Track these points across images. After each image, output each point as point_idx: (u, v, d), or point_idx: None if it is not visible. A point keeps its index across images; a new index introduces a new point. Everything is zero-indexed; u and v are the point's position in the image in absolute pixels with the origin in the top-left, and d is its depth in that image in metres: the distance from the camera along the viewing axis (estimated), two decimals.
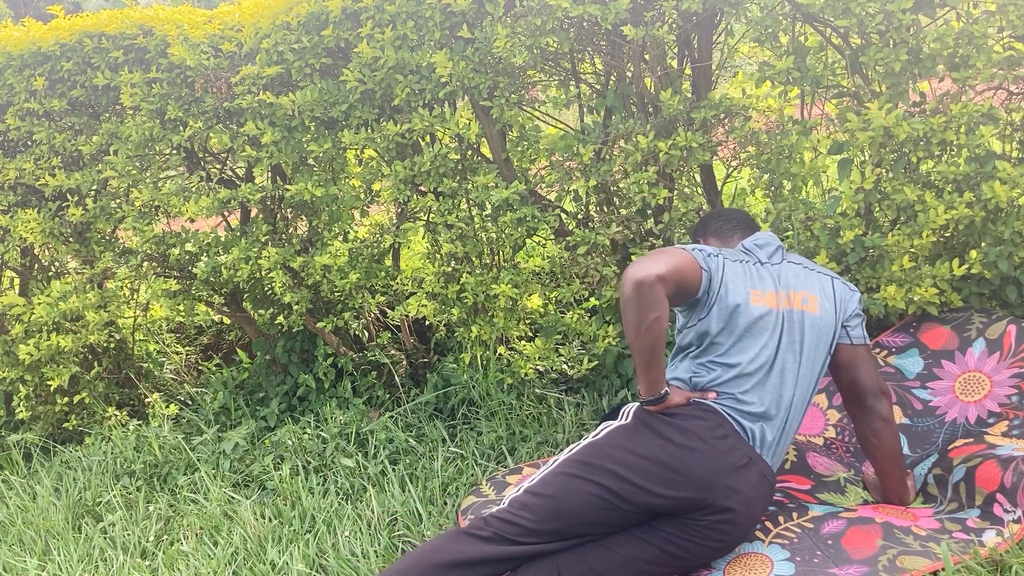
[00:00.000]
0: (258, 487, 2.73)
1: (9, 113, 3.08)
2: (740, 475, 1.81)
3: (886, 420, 2.01)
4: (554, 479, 1.85)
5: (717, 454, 1.80)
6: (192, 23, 2.87)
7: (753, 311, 1.93)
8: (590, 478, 1.81)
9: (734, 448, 1.83)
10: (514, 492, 1.90)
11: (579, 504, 1.80)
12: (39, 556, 2.57)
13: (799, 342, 1.95)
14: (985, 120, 2.25)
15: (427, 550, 1.80)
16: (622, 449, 1.84)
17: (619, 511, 1.80)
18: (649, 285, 1.76)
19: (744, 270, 1.99)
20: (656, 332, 1.79)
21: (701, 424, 1.84)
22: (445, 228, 2.84)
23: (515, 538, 1.80)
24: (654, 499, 1.78)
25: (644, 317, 1.77)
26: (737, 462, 1.82)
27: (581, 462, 1.85)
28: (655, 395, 1.88)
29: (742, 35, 2.78)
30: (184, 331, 3.97)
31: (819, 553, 1.84)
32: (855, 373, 2.02)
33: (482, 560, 1.77)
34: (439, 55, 2.53)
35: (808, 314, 1.97)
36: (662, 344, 1.82)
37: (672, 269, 1.81)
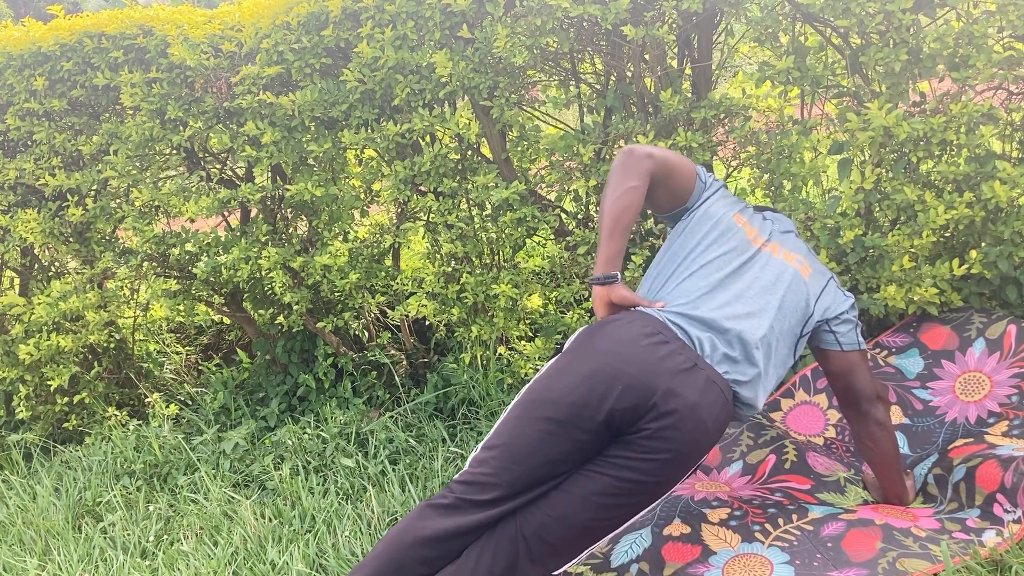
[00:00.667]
0: (258, 487, 2.73)
1: (9, 113, 3.08)
2: (682, 378, 1.71)
3: (882, 425, 2.00)
4: (504, 427, 1.79)
5: (653, 358, 1.72)
6: (192, 23, 2.87)
7: (729, 224, 1.92)
8: (534, 415, 1.75)
9: (675, 352, 1.74)
10: (473, 453, 1.84)
11: (530, 442, 1.74)
12: (39, 556, 2.57)
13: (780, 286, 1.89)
14: (985, 120, 2.25)
15: (396, 531, 1.76)
16: (559, 375, 1.78)
17: (571, 441, 1.72)
18: (637, 156, 1.83)
19: (738, 202, 2.00)
20: (627, 201, 1.80)
21: (636, 330, 1.77)
22: (445, 228, 2.84)
23: (477, 498, 1.74)
24: (598, 414, 1.70)
25: (621, 184, 1.82)
26: (679, 366, 1.72)
27: (526, 401, 1.80)
28: (605, 273, 1.85)
29: (742, 35, 2.78)
30: (184, 331, 3.97)
31: (819, 556, 1.84)
32: (849, 379, 2.00)
33: (447, 534, 1.73)
34: (439, 55, 2.53)
35: (797, 272, 1.94)
36: (629, 218, 1.82)
37: (666, 156, 1.87)
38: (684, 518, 2.06)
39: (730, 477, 2.30)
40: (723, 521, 2.04)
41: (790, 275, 1.93)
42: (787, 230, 2.08)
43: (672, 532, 2.02)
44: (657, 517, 2.09)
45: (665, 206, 2.00)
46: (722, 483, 2.28)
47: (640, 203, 1.84)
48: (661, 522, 2.06)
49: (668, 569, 1.92)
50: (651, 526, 2.05)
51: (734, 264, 1.89)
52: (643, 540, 2.01)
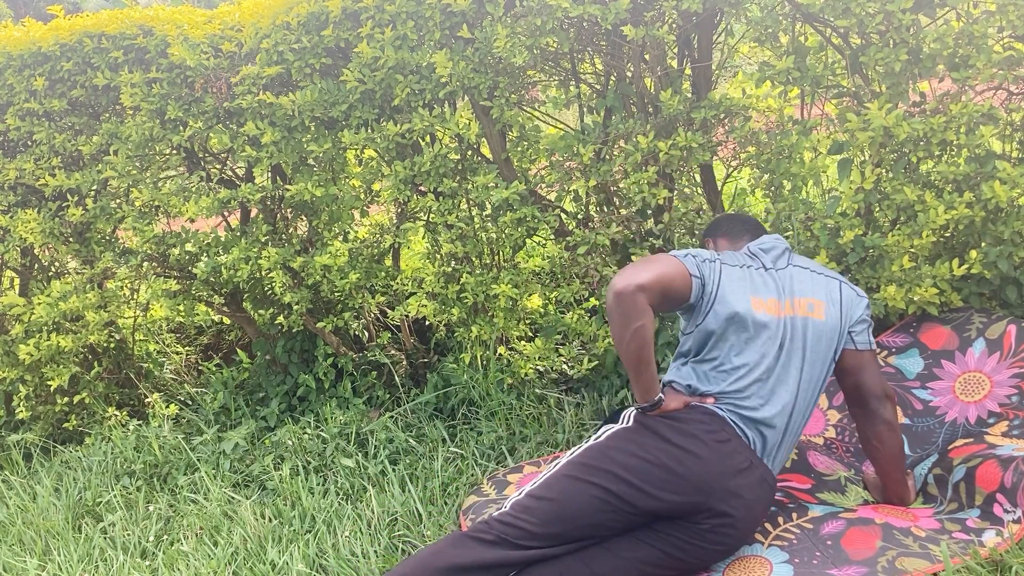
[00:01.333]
0: (258, 487, 2.73)
1: (9, 113, 3.08)
2: (741, 479, 1.80)
3: (889, 424, 2.00)
4: (555, 482, 1.85)
5: (718, 457, 1.80)
6: (192, 23, 2.87)
7: (754, 318, 1.92)
8: (592, 480, 1.81)
9: (736, 452, 1.82)
10: (515, 495, 1.89)
11: (581, 506, 1.80)
12: (39, 556, 2.57)
13: (802, 349, 1.94)
14: (985, 120, 2.25)
15: (428, 554, 1.79)
16: (623, 452, 1.83)
17: (620, 513, 1.80)
18: (630, 295, 1.78)
19: (745, 275, 1.98)
20: (640, 340, 1.81)
21: (702, 427, 1.84)
22: (445, 228, 2.84)
23: (517, 541, 1.79)
24: (655, 502, 1.78)
25: (627, 327, 1.80)
26: (738, 466, 1.81)
27: (583, 464, 1.85)
28: (649, 401, 1.88)
29: (742, 35, 2.78)
30: (184, 331, 3.97)
31: (818, 554, 1.84)
32: (860, 377, 2.01)
33: (483, 565, 1.76)
34: (439, 55, 2.53)
35: (813, 321, 1.96)
36: (648, 351, 1.83)
37: (655, 277, 1.83)
38: None
39: None
40: None
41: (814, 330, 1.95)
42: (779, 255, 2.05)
43: None
44: None
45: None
46: None
47: (652, 333, 1.84)
48: None
49: None
50: None
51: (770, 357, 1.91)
52: None
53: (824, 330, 1.96)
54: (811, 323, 1.95)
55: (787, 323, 1.94)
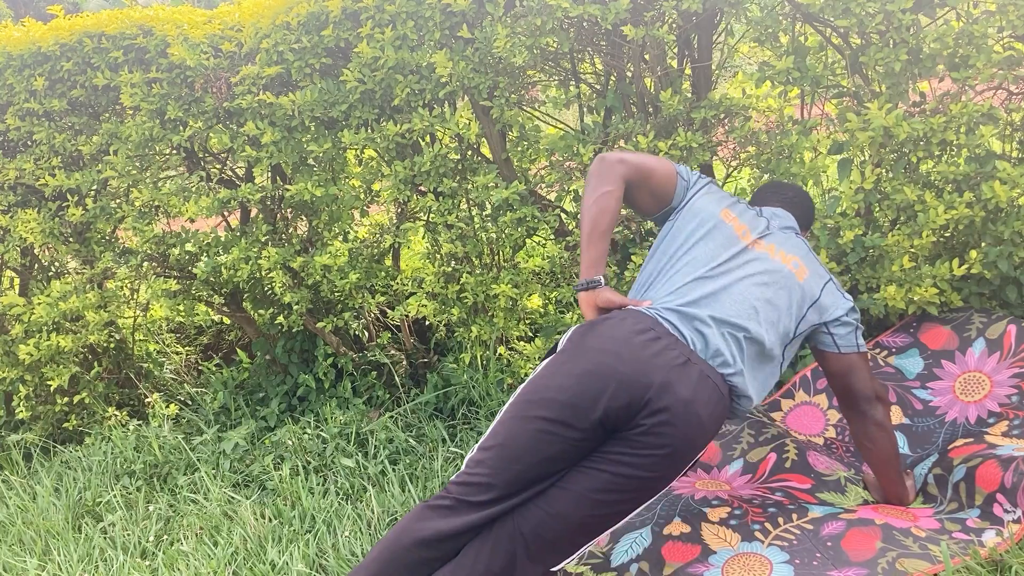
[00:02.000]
0: (258, 487, 2.73)
1: (9, 113, 3.08)
2: (675, 373, 1.71)
3: (881, 425, 1.99)
4: (500, 427, 1.80)
5: (646, 355, 1.72)
6: (192, 23, 2.87)
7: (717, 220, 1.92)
8: (531, 414, 1.75)
9: (668, 348, 1.74)
10: (469, 453, 1.84)
11: (527, 443, 1.74)
12: (39, 556, 2.57)
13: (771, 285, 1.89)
14: (985, 120, 2.25)
15: (393, 534, 1.77)
16: (554, 375, 1.78)
17: (565, 440, 1.73)
18: (609, 162, 1.88)
19: (727, 198, 1.99)
20: (603, 205, 1.84)
21: (626, 326, 1.77)
22: (445, 228, 2.84)
23: (475, 499, 1.74)
24: (592, 412, 1.70)
25: (596, 189, 1.86)
26: (671, 361, 1.72)
27: (521, 401, 1.80)
28: (588, 278, 1.87)
29: (742, 35, 2.78)
30: (184, 331, 3.97)
31: (818, 555, 1.84)
32: (848, 380, 1.99)
33: (446, 534, 1.73)
34: (439, 55, 2.53)
35: (791, 275, 1.93)
36: (606, 221, 1.85)
37: (640, 160, 1.91)
38: (684, 517, 2.06)
39: (730, 476, 2.30)
40: (723, 520, 2.04)
41: (783, 276, 1.92)
42: (787, 226, 2.06)
43: (672, 531, 2.02)
44: (657, 516, 2.09)
45: (650, 209, 2.02)
46: (722, 481, 2.28)
47: (616, 207, 1.86)
48: (661, 521, 2.06)
49: (668, 568, 1.92)
50: (651, 525, 2.05)
51: (720, 259, 1.89)
52: (643, 539, 2.01)
53: (799, 289, 1.92)
54: (789, 275, 1.92)
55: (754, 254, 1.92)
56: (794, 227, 2.08)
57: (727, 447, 2.36)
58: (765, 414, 2.48)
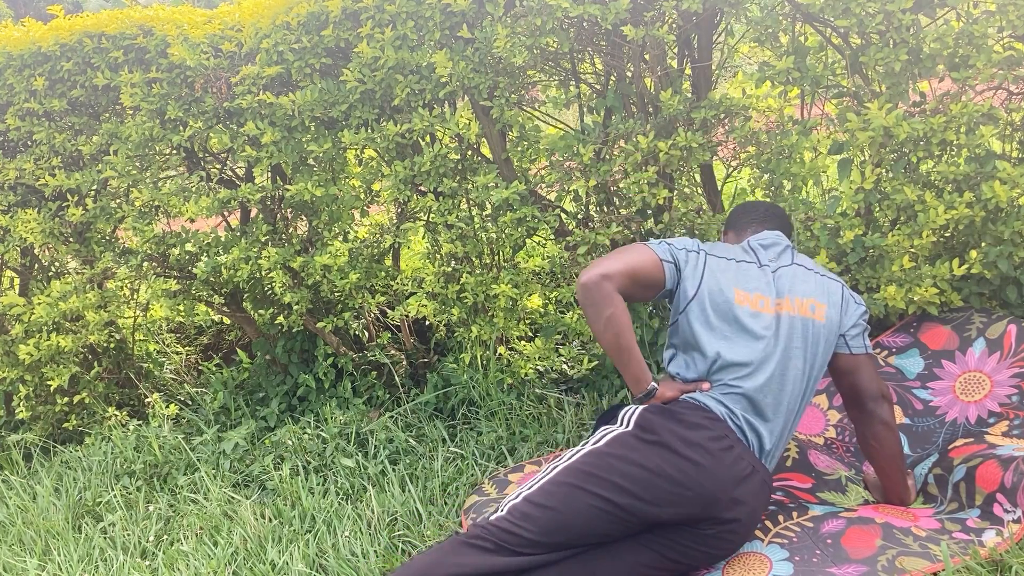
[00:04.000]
0: (258, 487, 2.73)
1: (9, 113, 3.08)
2: (744, 486, 1.79)
3: (887, 424, 2.00)
4: (556, 489, 1.79)
5: (722, 468, 1.77)
6: (192, 23, 2.87)
7: (736, 309, 1.91)
8: (593, 490, 1.76)
9: (739, 459, 1.80)
10: (513, 498, 1.84)
11: (582, 516, 1.76)
12: (39, 556, 2.57)
13: (802, 348, 1.92)
14: (985, 120, 2.25)
15: (428, 563, 1.75)
16: (625, 460, 1.79)
17: (622, 522, 1.77)
18: (594, 284, 1.83)
19: (731, 268, 1.97)
20: (615, 328, 1.83)
21: (707, 435, 1.80)
22: (445, 228, 2.84)
23: (516, 548, 1.76)
24: (659, 512, 1.76)
25: (599, 317, 1.83)
26: (741, 473, 1.79)
27: (583, 472, 1.80)
28: (642, 392, 1.88)
29: (742, 35, 2.78)
30: (184, 331, 3.97)
31: (818, 552, 1.84)
32: (855, 378, 2.01)
33: (482, 573, 1.73)
34: (439, 55, 2.53)
35: (813, 322, 1.94)
36: (627, 338, 1.84)
37: (620, 265, 1.86)
38: None
39: None
40: None
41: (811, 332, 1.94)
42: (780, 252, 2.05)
43: None
44: None
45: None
46: None
47: (627, 319, 1.85)
48: None
49: None
50: None
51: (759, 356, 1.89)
52: None
53: (823, 332, 1.95)
54: (811, 324, 1.94)
55: (784, 320, 1.93)
56: (784, 244, 2.08)
57: None
58: None
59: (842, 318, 2.00)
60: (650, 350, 2.68)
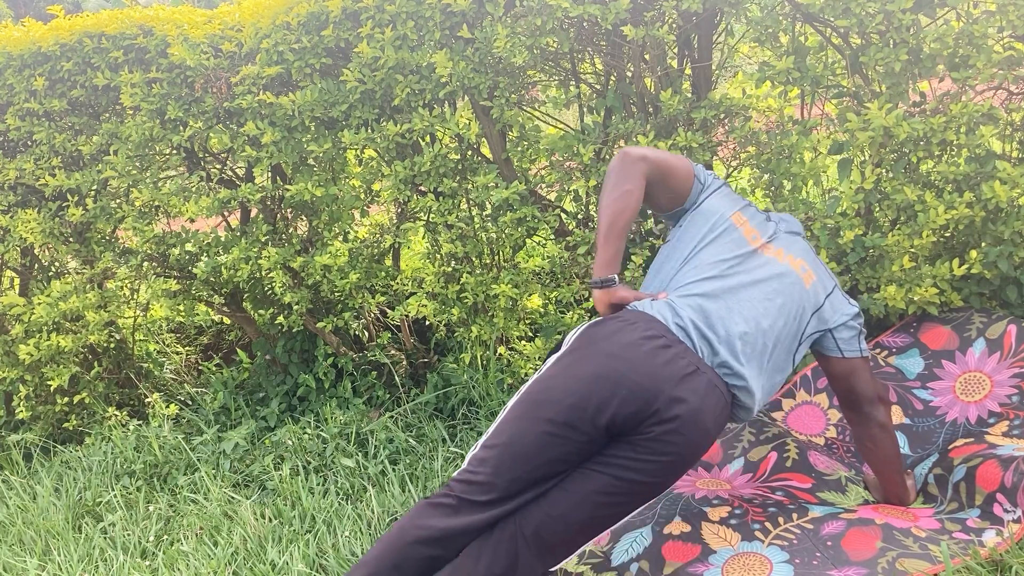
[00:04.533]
0: (258, 487, 2.73)
1: (9, 113, 3.08)
2: (685, 383, 1.71)
3: (883, 427, 2.00)
4: (505, 426, 1.78)
5: (657, 363, 1.71)
6: (192, 23, 2.87)
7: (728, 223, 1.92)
8: (536, 415, 1.74)
9: (678, 356, 1.74)
10: (472, 450, 1.84)
11: (531, 443, 1.73)
12: (39, 556, 2.57)
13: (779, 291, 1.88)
14: (985, 120, 2.25)
15: (395, 532, 1.76)
16: (561, 376, 1.76)
17: (570, 441, 1.72)
18: (632, 159, 1.86)
19: (740, 202, 2.00)
20: (623, 203, 1.84)
21: (640, 334, 1.76)
22: (445, 228, 2.84)
23: (477, 498, 1.74)
24: (599, 418, 1.70)
25: (617, 187, 1.85)
26: (682, 370, 1.72)
27: (527, 401, 1.79)
28: (603, 276, 1.87)
29: (742, 35, 2.78)
30: (184, 331, 3.97)
31: (818, 554, 1.84)
32: (850, 382, 2.00)
33: (447, 533, 1.73)
34: (439, 55, 2.53)
35: (799, 280, 1.92)
36: (625, 220, 1.85)
37: (661, 158, 1.90)
38: (684, 516, 2.06)
39: (731, 475, 2.30)
40: (723, 520, 2.04)
41: (790, 281, 1.91)
42: (793, 231, 2.06)
43: (672, 531, 2.02)
44: (658, 515, 2.08)
45: (664, 206, 2.02)
46: (723, 481, 2.28)
47: (636, 206, 1.86)
48: (662, 520, 2.06)
49: (668, 568, 1.92)
50: (651, 525, 2.05)
51: (729, 262, 1.89)
52: (643, 539, 2.01)
53: (806, 296, 1.92)
54: (796, 280, 1.92)
55: (763, 259, 1.91)
56: (800, 232, 2.09)
57: (728, 445, 2.36)
58: (766, 414, 2.48)
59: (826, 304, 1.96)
60: None
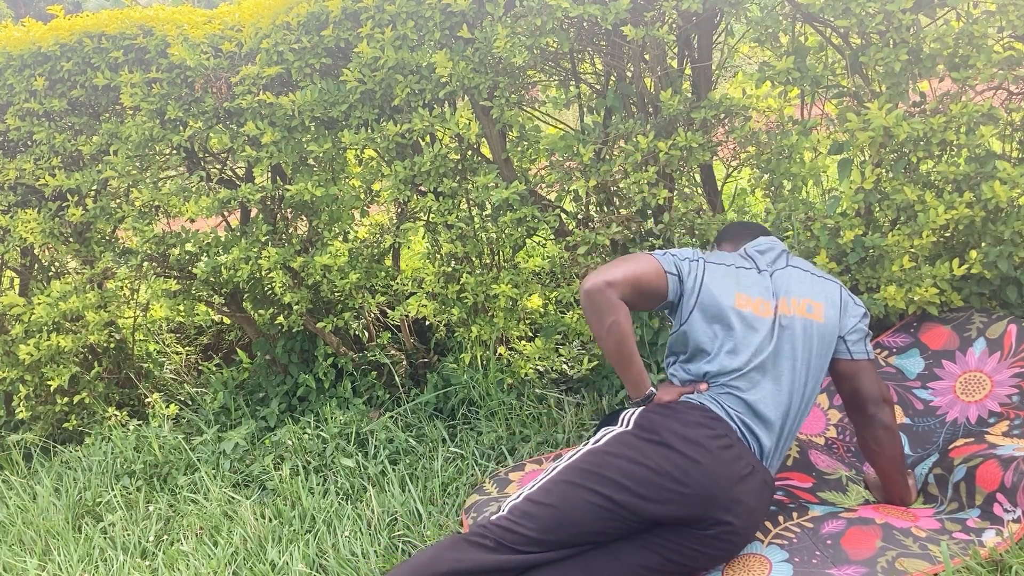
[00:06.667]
0: (258, 487, 2.73)
1: (9, 113, 3.08)
2: (743, 485, 1.79)
3: (888, 428, 2.00)
4: (555, 488, 1.81)
5: (722, 466, 1.77)
6: (192, 23, 2.87)
7: (738, 313, 1.92)
8: (593, 487, 1.78)
9: (739, 458, 1.81)
10: (514, 498, 1.86)
11: (581, 514, 1.77)
12: (39, 556, 2.57)
13: (801, 349, 1.92)
14: (985, 120, 2.25)
15: (427, 559, 1.77)
16: (625, 458, 1.80)
17: (622, 520, 1.78)
18: (598, 291, 1.84)
19: (731, 273, 1.98)
20: (617, 335, 1.84)
21: (706, 433, 1.81)
22: (445, 228, 2.84)
23: (516, 547, 1.77)
24: (658, 510, 1.76)
25: (602, 323, 1.85)
26: (740, 472, 1.79)
27: (583, 470, 1.81)
28: (641, 396, 1.90)
29: (742, 35, 2.78)
30: (184, 331, 3.97)
31: (818, 553, 1.84)
32: (856, 383, 2.00)
33: (482, 569, 1.74)
34: (439, 55, 2.53)
35: (813, 322, 1.95)
36: (628, 345, 1.86)
37: (624, 273, 1.87)
38: None
39: None
40: None
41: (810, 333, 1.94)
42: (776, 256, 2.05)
43: None
44: None
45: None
46: None
47: (629, 325, 1.86)
48: None
49: None
50: None
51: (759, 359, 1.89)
52: None
53: (824, 332, 1.96)
54: (811, 324, 1.94)
55: (782, 322, 1.93)
56: (779, 249, 2.08)
57: None
58: None
59: (842, 318, 2.00)
60: (650, 350, 2.68)
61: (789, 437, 1.94)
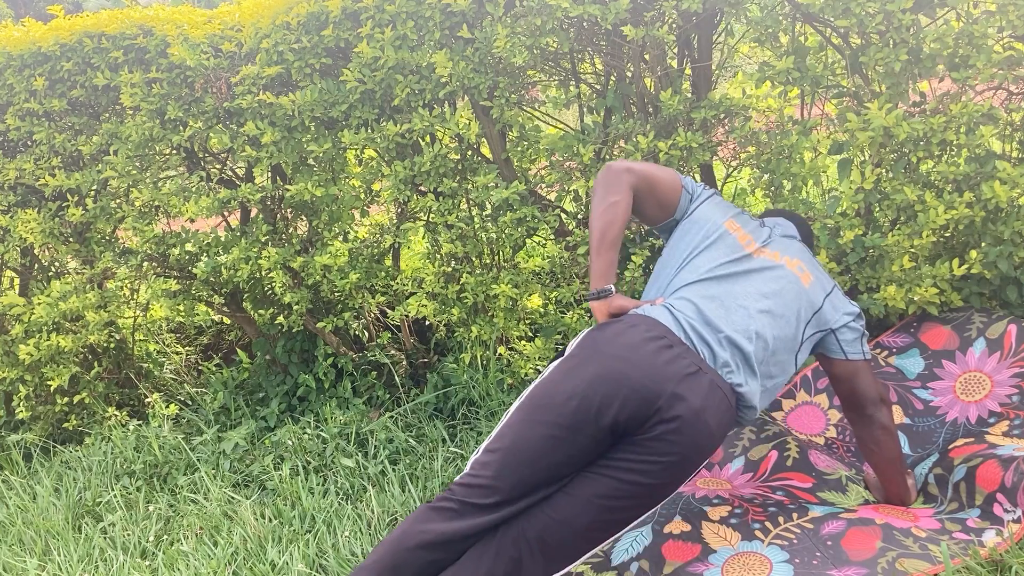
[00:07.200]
0: (258, 487, 2.73)
1: (9, 113, 3.08)
2: (686, 382, 1.71)
3: (886, 428, 2.00)
4: (507, 430, 1.78)
5: (658, 362, 1.72)
6: (192, 23, 2.87)
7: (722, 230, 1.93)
8: (539, 419, 1.74)
9: (679, 357, 1.74)
10: (474, 454, 1.84)
11: (534, 446, 1.73)
12: (39, 556, 2.57)
13: (788, 295, 1.89)
14: (985, 120, 2.25)
15: (396, 535, 1.76)
16: (563, 379, 1.76)
17: (573, 444, 1.72)
18: (616, 171, 1.90)
19: (733, 210, 2.01)
20: (612, 215, 1.86)
21: (638, 332, 1.77)
22: (445, 228, 2.84)
23: (479, 502, 1.73)
24: (602, 418, 1.70)
25: (604, 199, 1.87)
26: (683, 371, 1.72)
27: (529, 405, 1.79)
28: (599, 288, 1.88)
29: (742, 35, 2.78)
30: (184, 331, 3.97)
31: (818, 554, 1.84)
32: (853, 384, 2.00)
33: (450, 537, 1.72)
34: (439, 55, 2.53)
35: (800, 280, 1.94)
36: (615, 231, 1.86)
37: (646, 170, 1.94)
38: (685, 516, 2.06)
39: (732, 474, 2.30)
40: (723, 519, 2.04)
41: (788, 281, 1.92)
42: (789, 235, 2.08)
43: (672, 530, 2.02)
44: (658, 515, 2.08)
45: (654, 218, 2.03)
46: (724, 480, 2.28)
47: (625, 217, 1.88)
48: (662, 520, 2.06)
49: (668, 567, 1.92)
50: (651, 524, 2.05)
51: (725, 266, 1.90)
52: (643, 538, 2.01)
53: (804, 296, 1.93)
54: (798, 281, 1.93)
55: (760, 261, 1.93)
56: (795, 235, 2.09)
57: (728, 444, 2.36)
58: (766, 413, 2.48)
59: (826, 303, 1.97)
60: None
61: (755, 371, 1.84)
